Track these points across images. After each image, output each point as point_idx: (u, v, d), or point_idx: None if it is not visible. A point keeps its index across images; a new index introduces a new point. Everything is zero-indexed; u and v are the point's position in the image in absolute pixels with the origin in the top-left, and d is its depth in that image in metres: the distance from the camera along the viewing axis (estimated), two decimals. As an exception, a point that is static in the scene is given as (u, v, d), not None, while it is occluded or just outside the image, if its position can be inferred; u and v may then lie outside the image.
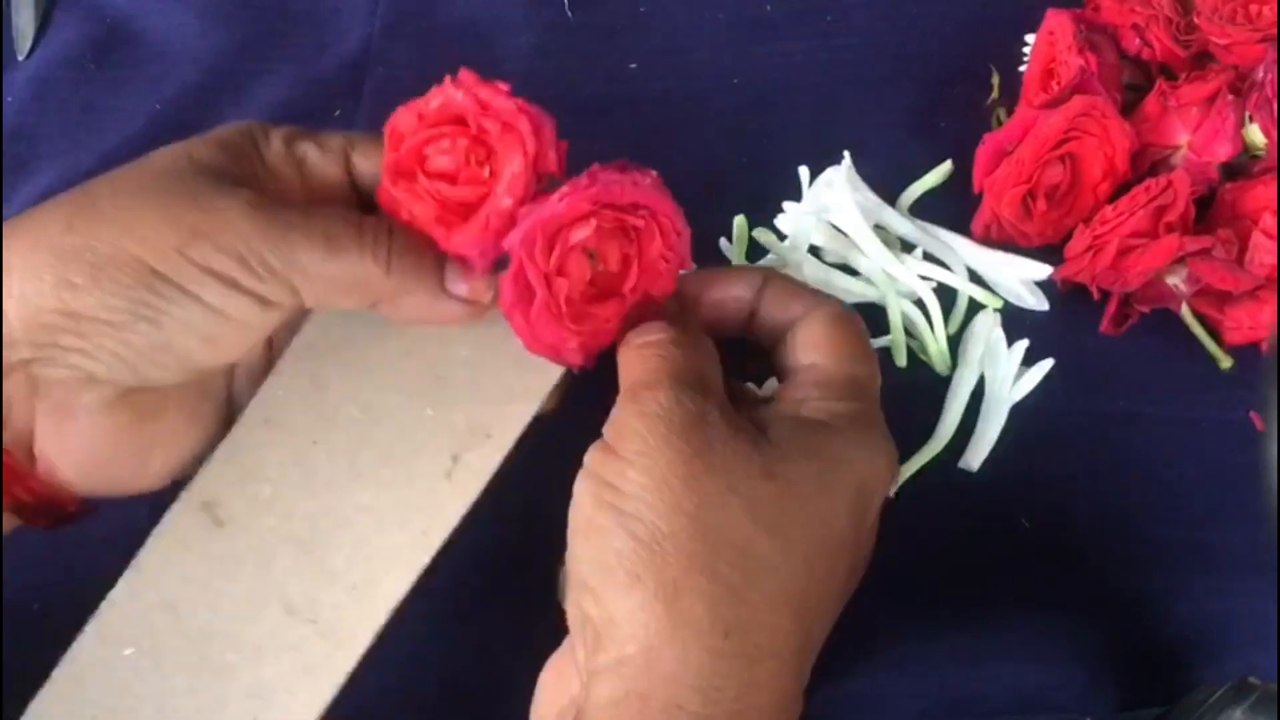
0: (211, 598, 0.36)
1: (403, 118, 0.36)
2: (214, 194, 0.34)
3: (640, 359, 0.36)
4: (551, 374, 0.38)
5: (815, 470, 0.34)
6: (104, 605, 0.36)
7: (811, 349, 0.38)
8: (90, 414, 0.34)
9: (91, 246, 0.33)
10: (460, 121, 0.35)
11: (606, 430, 0.35)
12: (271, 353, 0.39)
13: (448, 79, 0.36)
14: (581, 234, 0.35)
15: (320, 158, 0.38)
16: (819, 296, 0.39)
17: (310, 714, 0.35)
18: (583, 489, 0.34)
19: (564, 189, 0.34)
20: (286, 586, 0.36)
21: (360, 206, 0.38)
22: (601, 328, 0.36)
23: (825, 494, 0.34)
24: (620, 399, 0.35)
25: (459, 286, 0.36)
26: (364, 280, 0.35)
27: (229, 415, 0.39)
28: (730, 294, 0.39)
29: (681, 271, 0.38)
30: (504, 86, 0.35)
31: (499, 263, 0.36)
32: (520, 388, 0.38)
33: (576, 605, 0.34)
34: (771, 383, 0.42)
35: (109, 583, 0.37)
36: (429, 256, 0.36)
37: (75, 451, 0.35)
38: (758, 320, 0.39)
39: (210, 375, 0.37)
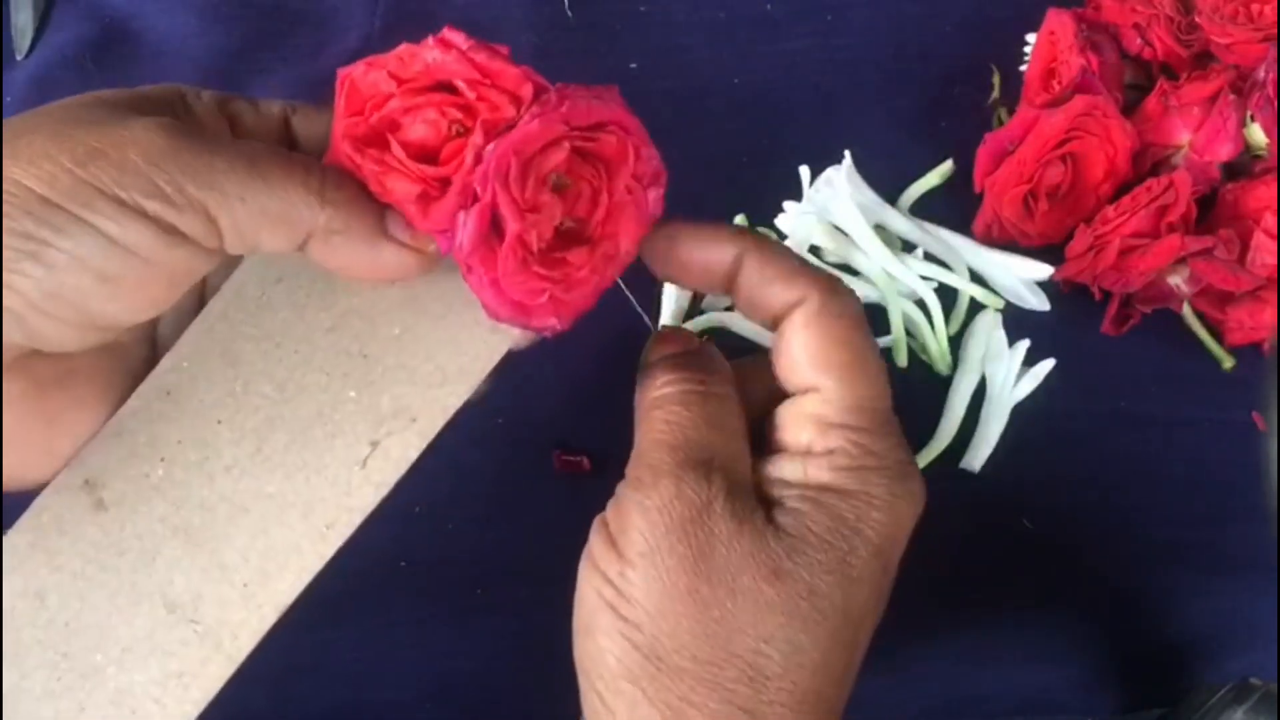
0: (83, 589, 0.32)
1: (366, 75, 0.31)
2: (121, 118, 0.29)
3: (649, 424, 0.33)
4: (491, 355, 0.34)
5: (830, 558, 0.31)
6: None
7: (807, 366, 0.33)
8: None
9: None
10: (448, 89, 0.31)
11: (610, 511, 0.33)
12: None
13: (430, 37, 0.31)
14: (555, 158, 0.31)
15: (255, 117, 0.34)
16: (807, 275, 0.34)
17: None
18: (585, 581, 0.32)
19: (533, 109, 0.30)
20: (170, 581, 0.32)
21: None
22: (572, 276, 0.32)
23: (842, 579, 0.32)
24: (626, 480, 0.33)
25: (401, 231, 0.31)
26: (292, 210, 0.30)
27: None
28: (700, 257, 0.34)
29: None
30: (503, 49, 0.31)
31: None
32: (454, 369, 0.34)
33: (586, 693, 0.32)
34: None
35: None
36: (367, 196, 0.31)
37: None
38: (739, 292, 0.35)
39: (124, 341, 0.33)
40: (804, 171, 0.55)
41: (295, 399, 0.34)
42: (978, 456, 0.50)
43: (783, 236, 0.54)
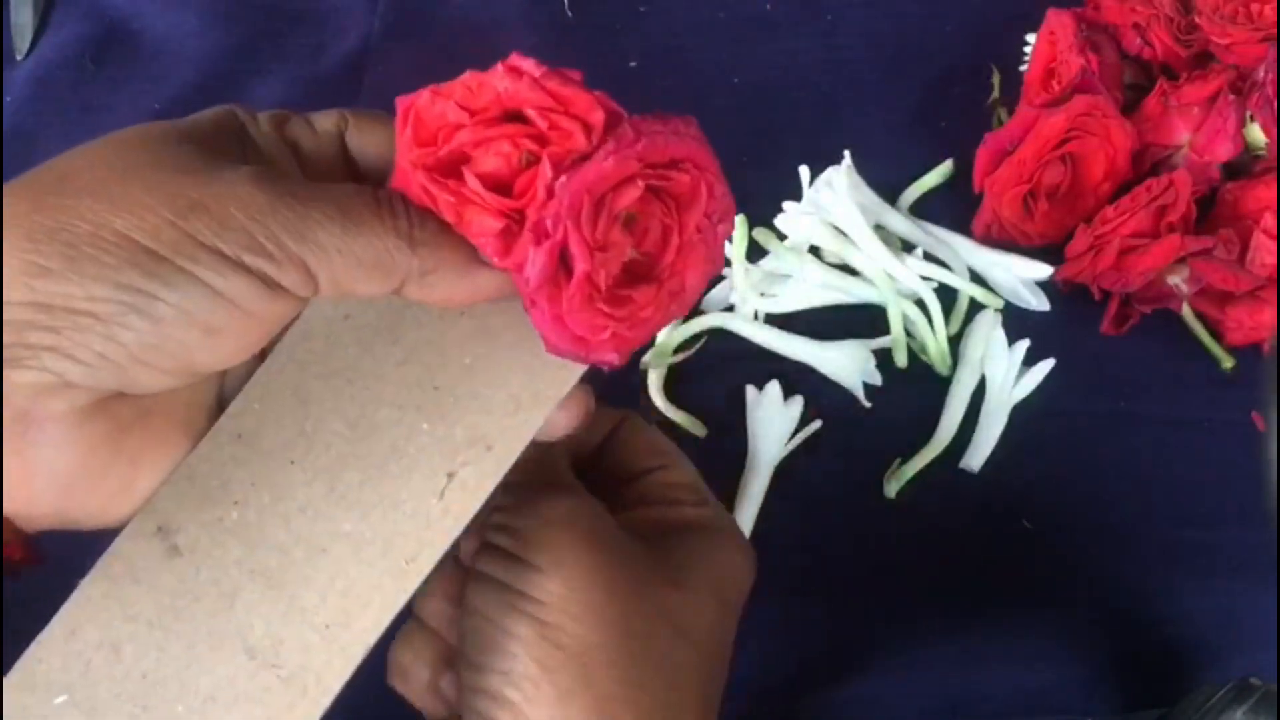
0: (160, 638, 0.31)
1: (433, 105, 0.30)
2: (213, 165, 0.29)
3: (535, 454, 0.35)
4: (566, 379, 0.34)
5: (709, 576, 0.35)
6: (35, 645, 0.31)
7: (646, 455, 0.38)
8: (61, 425, 0.28)
9: (68, 224, 0.27)
10: (519, 119, 0.30)
11: (496, 538, 0.33)
12: (263, 359, 0.35)
13: (500, 64, 0.30)
14: (628, 197, 0.30)
15: (314, 140, 0.33)
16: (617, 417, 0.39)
17: None
18: (490, 599, 0.33)
19: (607, 145, 0.29)
20: (249, 626, 0.32)
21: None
22: (636, 315, 0.32)
23: (717, 598, 0.35)
24: (517, 503, 0.34)
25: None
26: (387, 257, 0.30)
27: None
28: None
29: None
30: (576, 75, 0.30)
31: None
32: (528, 396, 0.34)
33: (482, 716, 0.32)
34: None
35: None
36: (451, 229, 0.31)
37: (42, 471, 0.29)
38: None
39: (201, 380, 0.32)
40: (804, 171, 0.55)
41: (368, 436, 0.33)
42: (978, 456, 0.50)
43: (783, 236, 0.54)
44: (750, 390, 0.51)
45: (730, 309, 0.54)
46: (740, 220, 0.53)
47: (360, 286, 0.30)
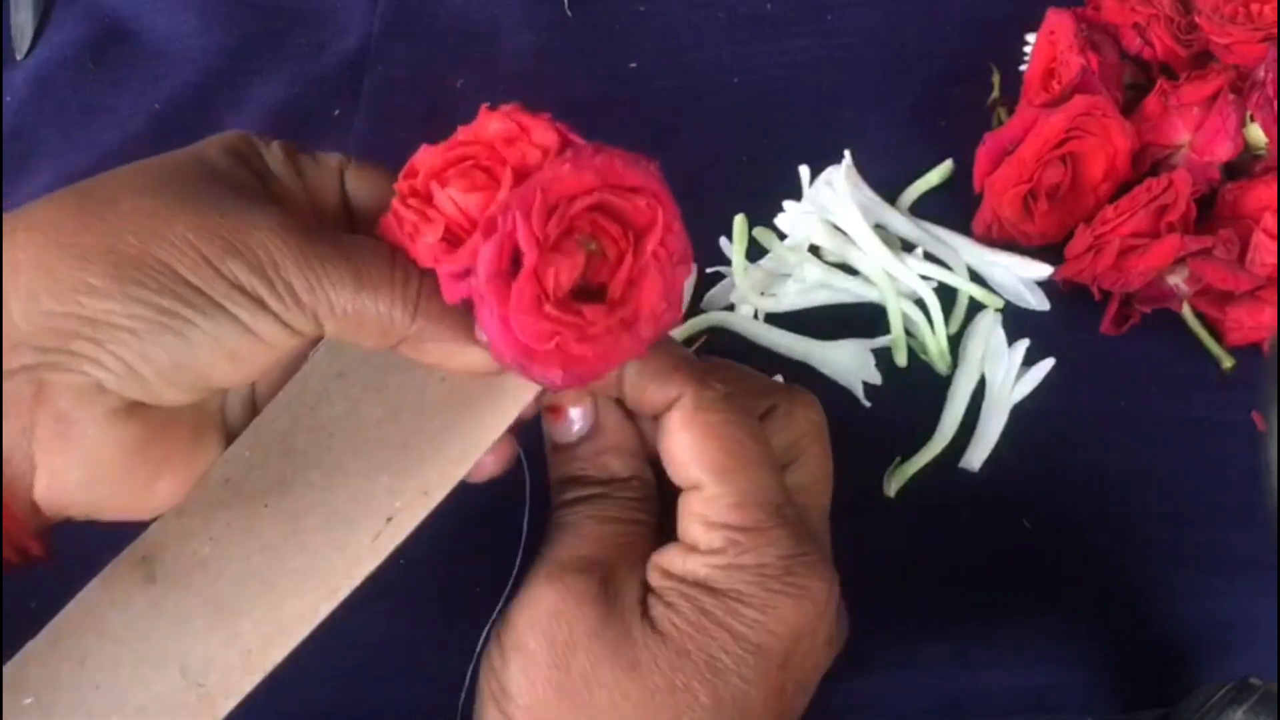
0: (118, 654, 0.34)
1: (425, 154, 0.33)
2: (244, 207, 0.32)
3: (551, 523, 0.35)
4: (501, 422, 0.36)
5: (693, 655, 0.33)
6: (21, 652, 0.34)
7: (687, 464, 0.35)
8: (96, 425, 0.32)
9: (114, 248, 0.30)
10: (486, 145, 0.33)
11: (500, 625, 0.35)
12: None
13: (483, 109, 0.33)
14: (582, 205, 0.31)
15: (317, 174, 0.36)
16: (682, 372, 0.35)
17: None
18: (484, 673, 0.34)
19: (568, 154, 0.31)
20: (191, 649, 0.35)
21: (350, 225, 0.37)
22: (584, 330, 0.32)
23: (709, 677, 0.33)
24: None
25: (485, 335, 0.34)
26: (388, 323, 0.33)
27: (227, 439, 0.37)
28: None
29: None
30: (546, 115, 0.33)
31: None
32: (473, 443, 0.36)
33: None
34: None
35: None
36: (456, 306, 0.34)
37: (80, 465, 0.32)
38: (624, 393, 0.36)
39: (213, 395, 0.36)
40: (804, 171, 0.55)
41: (336, 485, 0.36)
42: (977, 456, 0.50)
43: (783, 236, 0.54)
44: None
45: (730, 309, 0.54)
46: (740, 220, 0.53)
47: (360, 340, 0.34)
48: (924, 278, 0.52)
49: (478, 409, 0.36)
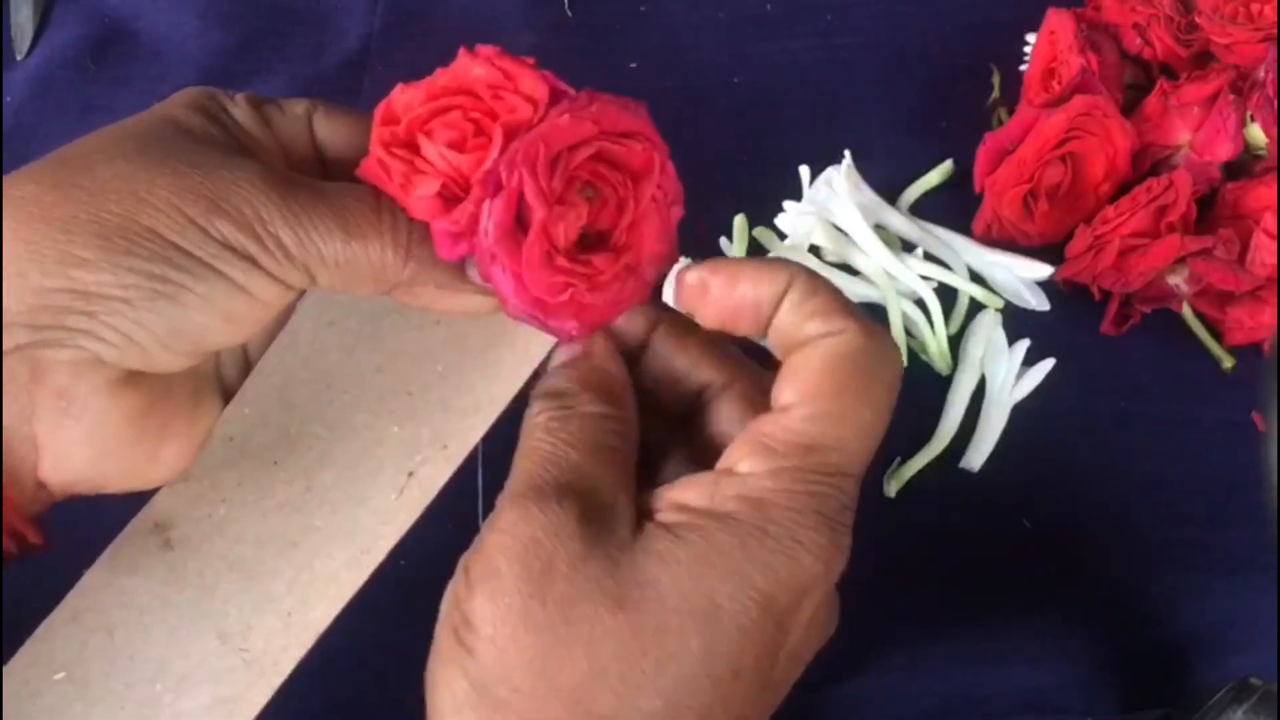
0: (148, 623, 0.34)
1: (401, 94, 0.33)
2: (222, 163, 0.31)
3: (518, 453, 0.33)
4: (517, 378, 0.35)
5: (693, 596, 0.29)
6: (43, 626, 0.34)
7: (798, 382, 0.31)
8: (97, 398, 0.31)
9: (98, 217, 0.30)
10: (471, 94, 0.32)
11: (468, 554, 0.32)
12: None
13: (463, 51, 0.32)
14: (583, 155, 0.31)
15: (285, 121, 0.35)
16: (855, 315, 0.32)
17: None
18: (446, 603, 0.31)
19: (562, 105, 0.31)
20: (225, 614, 0.34)
21: (324, 172, 0.36)
22: (595, 278, 0.32)
23: (705, 623, 0.29)
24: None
25: (479, 276, 0.33)
26: (381, 268, 0.32)
27: (225, 398, 0.36)
28: (753, 294, 0.32)
29: (681, 267, 0.34)
30: (529, 60, 0.32)
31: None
32: (486, 398, 0.35)
33: None
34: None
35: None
36: None
37: (84, 439, 0.31)
38: (776, 324, 0.33)
39: (209, 357, 0.35)
40: (804, 171, 0.55)
41: (345, 438, 0.36)
42: (978, 456, 0.50)
43: (783, 236, 0.54)
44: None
45: (730, 309, 0.54)
46: (740, 220, 0.53)
47: (354, 289, 0.33)
48: (924, 278, 0.52)
49: (482, 351, 0.36)
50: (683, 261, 0.34)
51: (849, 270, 0.53)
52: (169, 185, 0.30)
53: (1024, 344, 0.51)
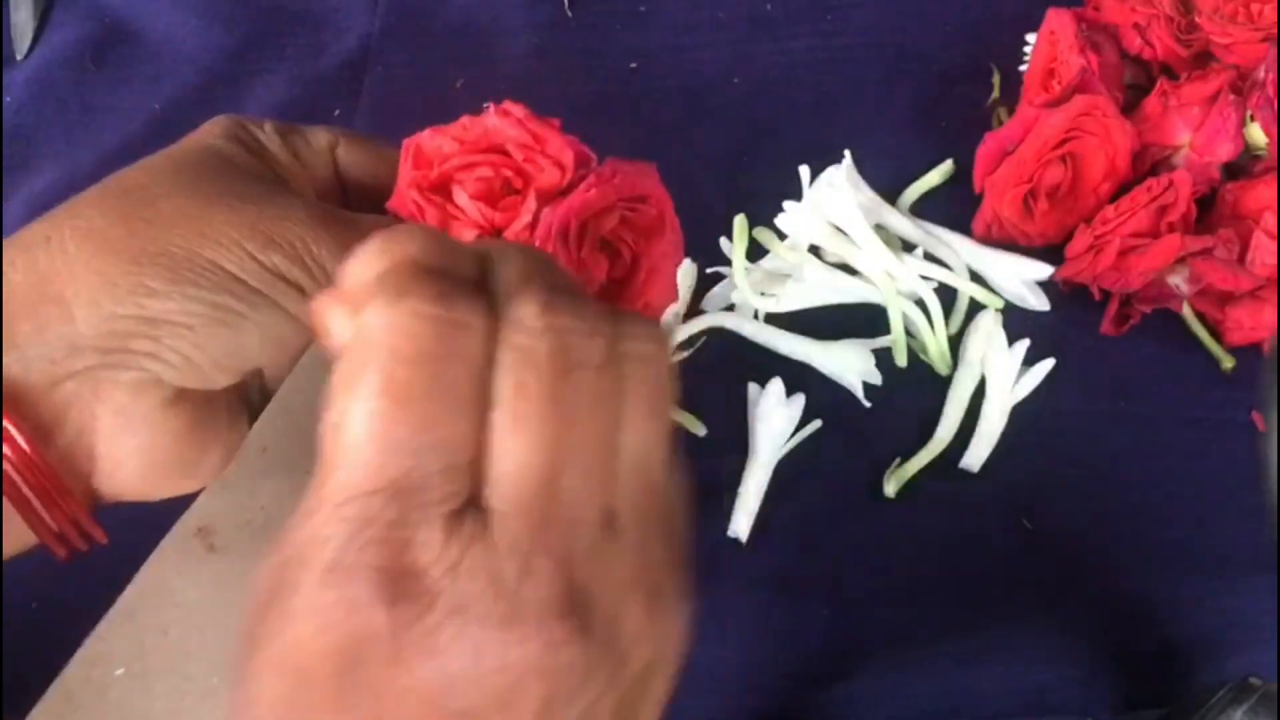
0: (201, 621, 0.36)
1: (431, 140, 0.36)
2: (271, 198, 0.35)
3: None
4: None
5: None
6: (101, 625, 0.36)
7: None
8: (153, 415, 0.34)
9: (166, 250, 0.33)
10: (501, 151, 0.35)
11: None
12: None
13: (491, 107, 0.36)
14: (609, 223, 0.35)
15: (310, 152, 0.38)
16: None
17: None
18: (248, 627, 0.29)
19: (589, 179, 0.35)
20: None
21: (344, 198, 0.39)
22: None
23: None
24: None
25: None
26: None
27: (254, 412, 0.38)
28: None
29: None
30: (555, 122, 0.36)
31: None
32: None
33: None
34: None
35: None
36: None
37: (138, 452, 0.34)
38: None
39: (251, 375, 0.37)
40: (804, 171, 0.55)
41: None
42: (977, 456, 0.50)
43: (783, 236, 0.54)
44: (752, 387, 0.51)
45: (730, 308, 0.54)
46: (740, 220, 0.53)
47: None
48: (924, 278, 0.52)
49: None
50: (679, 304, 0.40)
51: (849, 270, 0.53)
52: (227, 220, 0.33)
53: (1024, 344, 0.51)
